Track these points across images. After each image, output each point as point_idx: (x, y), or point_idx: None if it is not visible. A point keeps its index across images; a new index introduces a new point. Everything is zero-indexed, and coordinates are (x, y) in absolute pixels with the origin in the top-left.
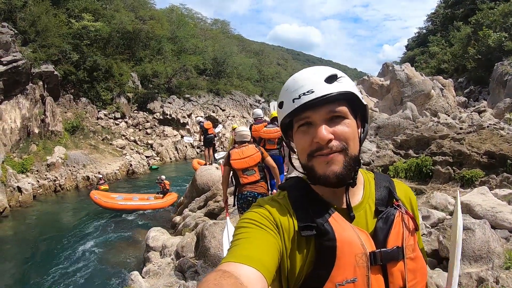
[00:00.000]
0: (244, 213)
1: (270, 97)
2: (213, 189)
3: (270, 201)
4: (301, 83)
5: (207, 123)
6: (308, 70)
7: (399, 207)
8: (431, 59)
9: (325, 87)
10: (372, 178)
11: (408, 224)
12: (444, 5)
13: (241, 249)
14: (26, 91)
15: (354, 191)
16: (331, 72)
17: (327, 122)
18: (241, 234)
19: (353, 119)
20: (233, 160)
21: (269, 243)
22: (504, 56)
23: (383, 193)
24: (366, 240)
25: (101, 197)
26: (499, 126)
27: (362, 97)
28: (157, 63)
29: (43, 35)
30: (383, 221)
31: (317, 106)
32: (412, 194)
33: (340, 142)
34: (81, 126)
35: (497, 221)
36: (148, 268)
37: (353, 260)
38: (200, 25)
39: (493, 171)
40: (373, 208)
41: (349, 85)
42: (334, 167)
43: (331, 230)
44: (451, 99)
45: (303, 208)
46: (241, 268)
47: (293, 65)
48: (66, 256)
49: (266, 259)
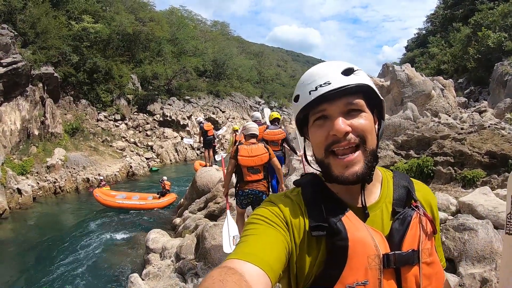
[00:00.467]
0: (256, 209)
1: (270, 99)
2: (213, 191)
3: (282, 198)
4: (317, 76)
5: (207, 125)
6: (325, 63)
7: (417, 208)
8: (431, 60)
9: (342, 79)
10: (390, 177)
11: (426, 227)
12: (444, 6)
13: (248, 246)
14: (26, 93)
15: (371, 190)
16: (348, 66)
17: (343, 115)
18: (249, 230)
19: (369, 113)
20: (241, 157)
21: (277, 241)
22: (504, 56)
23: (401, 193)
24: (381, 241)
25: (102, 194)
26: (500, 126)
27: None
28: (157, 65)
29: (43, 36)
30: (399, 222)
31: (334, 98)
32: (432, 196)
33: (357, 135)
34: (81, 128)
35: (500, 221)
36: (148, 270)
37: (365, 261)
38: (200, 26)
39: (494, 171)
40: (390, 209)
41: (366, 78)
42: (354, 168)
43: (343, 230)
44: (451, 99)
45: (316, 206)
46: (246, 266)
47: (292, 66)
48: (65, 258)
49: (272, 258)
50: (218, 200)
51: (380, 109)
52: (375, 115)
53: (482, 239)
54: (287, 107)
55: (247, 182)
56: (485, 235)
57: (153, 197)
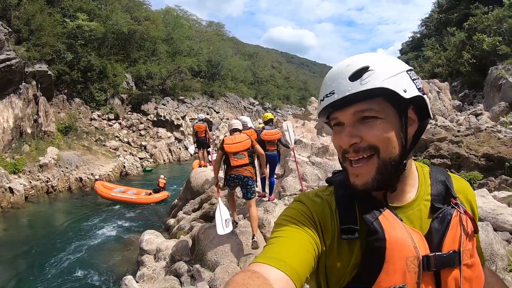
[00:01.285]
0: (285, 209)
1: (264, 100)
2: (208, 191)
3: (313, 197)
4: (326, 83)
5: (197, 125)
6: (338, 65)
7: (457, 206)
8: (425, 63)
9: (347, 86)
10: (427, 172)
11: (467, 226)
12: (438, 10)
13: (273, 250)
14: (19, 91)
15: (406, 189)
16: (359, 66)
17: (355, 123)
18: (277, 232)
19: (391, 116)
20: (226, 145)
21: (304, 243)
22: (498, 60)
23: (439, 188)
24: (420, 242)
25: (100, 186)
26: (496, 129)
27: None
28: (152, 65)
29: (37, 34)
30: (438, 221)
31: (342, 107)
32: (471, 191)
33: (368, 145)
34: (74, 127)
35: (498, 223)
36: (142, 272)
37: (403, 264)
38: (195, 27)
39: (491, 173)
40: (429, 206)
41: (380, 79)
42: (363, 178)
43: (380, 229)
44: (447, 102)
45: (348, 207)
46: (270, 270)
47: (287, 68)
48: (57, 259)
49: (298, 262)
50: (213, 201)
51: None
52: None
53: (482, 241)
54: (281, 108)
55: (233, 167)
56: (485, 237)
57: (146, 193)
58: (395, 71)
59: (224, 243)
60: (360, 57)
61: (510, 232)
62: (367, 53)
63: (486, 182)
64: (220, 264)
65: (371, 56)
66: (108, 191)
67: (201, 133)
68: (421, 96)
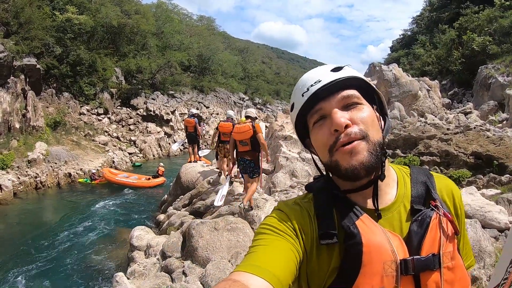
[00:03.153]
0: (264, 218)
1: (254, 95)
2: (198, 187)
3: (292, 205)
4: (308, 79)
5: (187, 120)
6: (312, 70)
7: (437, 208)
8: (416, 61)
9: (331, 75)
10: (407, 173)
11: (447, 228)
12: (430, 8)
13: (255, 258)
14: (7, 85)
15: (385, 190)
16: (338, 65)
17: (342, 109)
18: (258, 240)
19: (368, 105)
20: (234, 133)
21: (285, 251)
22: (488, 60)
23: (420, 189)
24: (399, 245)
25: (107, 172)
26: (485, 127)
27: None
28: (142, 59)
29: (26, 27)
30: (417, 224)
31: (328, 95)
32: (456, 190)
33: (358, 128)
34: (63, 122)
35: (486, 221)
36: (133, 269)
37: (380, 268)
38: (186, 21)
39: (480, 171)
40: (409, 208)
41: (355, 72)
42: (359, 156)
43: (358, 234)
44: (437, 100)
45: (326, 213)
46: (252, 279)
47: (277, 63)
48: (47, 256)
49: (280, 270)
50: (203, 197)
51: (380, 105)
52: (375, 110)
53: (471, 238)
54: (271, 103)
55: (240, 152)
56: (474, 234)
57: (146, 179)
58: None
59: (215, 239)
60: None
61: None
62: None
63: (475, 180)
64: (211, 260)
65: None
66: (113, 176)
67: (190, 128)
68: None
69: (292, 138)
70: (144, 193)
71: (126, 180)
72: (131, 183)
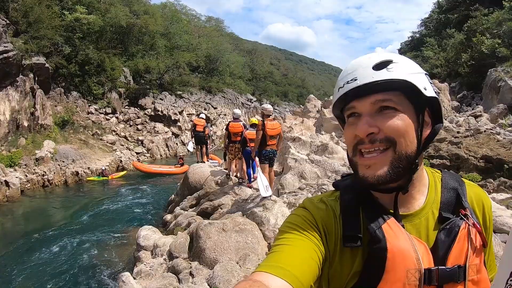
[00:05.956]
0: (288, 216)
1: (262, 96)
2: (206, 188)
3: (317, 203)
4: (348, 71)
5: (197, 119)
6: (359, 58)
7: (466, 218)
8: (424, 63)
9: (370, 74)
10: (439, 178)
11: (475, 239)
12: (438, 11)
13: (277, 258)
14: (16, 83)
15: (414, 196)
16: (383, 58)
17: (373, 113)
18: (279, 240)
19: (409, 112)
20: (268, 129)
21: (308, 251)
22: (497, 62)
23: (450, 196)
24: (424, 254)
25: (139, 164)
26: (496, 131)
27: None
28: (150, 59)
29: (35, 26)
30: (445, 233)
31: (362, 95)
32: (487, 199)
33: (386, 137)
34: (71, 121)
35: (497, 225)
36: (140, 269)
37: (403, 276)
38: (194, 22)
39: (490, 175)
40: (437, 215)
41: (404, 72)
42: (375, 170)
43: (383, 238)
44: (446, 103)
45: (353, 214)
46: (272, 279)
47: (285, 65)
48: (52, 253)
49: (301, 270)
50: (211, 197)
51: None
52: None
53: None
54: (279, 105)
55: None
56: None
57: (175, 167)
58: (417, 69)
59: (223, 240)
60: (382, 53)
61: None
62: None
63: (485, 184)
64: (219, 262)
65: (393, 54)
66: (150, 167)
67: (199, 126)
68: (437, 98)
69: (301, 140)
70: (150, 192)
71: (160, 169)
72: (167, 171)
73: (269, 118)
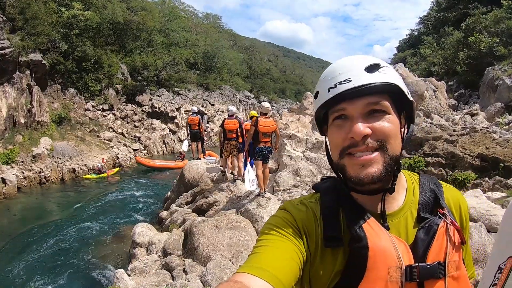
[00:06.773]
0: (269, 218)
1: (260, 93)
2: (201, 185)
3: (298, 205)
4: (338, 71)
5: (191, 118)
6: (348, 58)
7: (444, 216)
8: (422, 61)
9: (364, 76)
10: (416, 180)
11: (453, 237)
12: (437, 9)
13: (258, 259)
14: (13, 80)
15: (394, 196)
16: (373, 61)
17: (364, 116)
18: (261, 241)
19: (395, 115)
20: (260, 126)
21: (288, 252)
22: (495, 61)
23: (427, 197)
24: (404, 251)
25: (143, 159)
26: (492, 129)
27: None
28: (147, 55)
29: (32, 23)
30: (424, 231)
31: (354, 97)
32: (463, 201)
33: (377, 139)
34: (68, 117)
35: (492, 224)
36: (134, 266)
37: (385, 273)
38: (192, 18)
39: (485, 174)
40: (415, 215)
41: (394, 77)
42: (370, 169)
43: (364, 237)
44: (443, 101)
45: (333, 215)
46: (254, 280)
47: (283, 61)
48: (48, 250)
49: (282, 271)
50: (206, 194)
51: (409, 111)
52: (403, 118)
53: (476, 242)
54: (276, 102)
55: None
56: (479, 238)
57: (176, 161)
58: (399, 75)
59: (217, 238)
60: (364, 56)
61: None
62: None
63: (480, 183)
64: (212, 259)
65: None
66: (152, 161)
67: (194, 125)
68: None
69: (297, 137)
70: (147, 189)
71: (163, 164)
72: (169, 165)
73: (265, 115)
